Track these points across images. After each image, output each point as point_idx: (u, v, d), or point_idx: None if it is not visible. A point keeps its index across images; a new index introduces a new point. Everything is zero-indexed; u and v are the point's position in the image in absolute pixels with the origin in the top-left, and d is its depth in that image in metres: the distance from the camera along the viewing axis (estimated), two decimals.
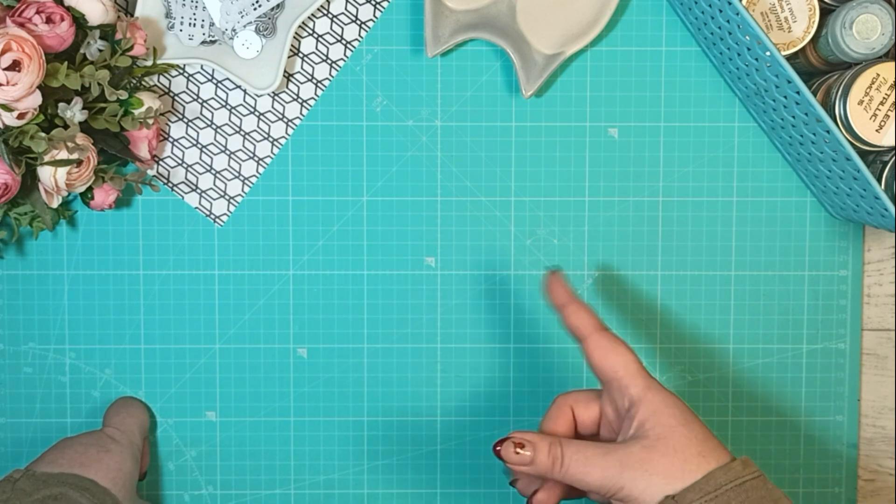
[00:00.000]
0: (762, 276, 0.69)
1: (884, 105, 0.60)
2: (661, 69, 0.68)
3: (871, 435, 0.70)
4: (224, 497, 0.70)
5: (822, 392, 0.70)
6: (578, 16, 0.66)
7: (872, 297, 0.70)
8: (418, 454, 0.70)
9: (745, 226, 0.69)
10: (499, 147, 0.69)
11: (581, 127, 0.68)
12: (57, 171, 0.59)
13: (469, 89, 0.68)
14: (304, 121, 0.68)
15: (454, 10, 0.65)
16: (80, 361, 0.69)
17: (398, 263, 0.69)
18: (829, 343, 0.70)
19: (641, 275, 0.69)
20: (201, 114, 0.68)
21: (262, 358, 0.69)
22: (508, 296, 0.69)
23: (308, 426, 0.70)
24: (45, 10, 0.57)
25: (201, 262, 0.69)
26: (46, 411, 0.69)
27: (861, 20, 0.60)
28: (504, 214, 0.69)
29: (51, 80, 0.57)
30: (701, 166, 0.69)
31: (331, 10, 0.68)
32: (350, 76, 0.68)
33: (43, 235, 0.68)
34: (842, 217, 0.67)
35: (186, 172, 0.68)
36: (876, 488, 0.71)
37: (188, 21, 0.65)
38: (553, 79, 0.68)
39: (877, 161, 0.62)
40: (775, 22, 0.62)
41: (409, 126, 0.68)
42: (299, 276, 0.69)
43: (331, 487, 0.70)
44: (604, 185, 0.69)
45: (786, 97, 0.60)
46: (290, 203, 0.69)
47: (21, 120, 0.56)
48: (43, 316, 0.69)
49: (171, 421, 0.70)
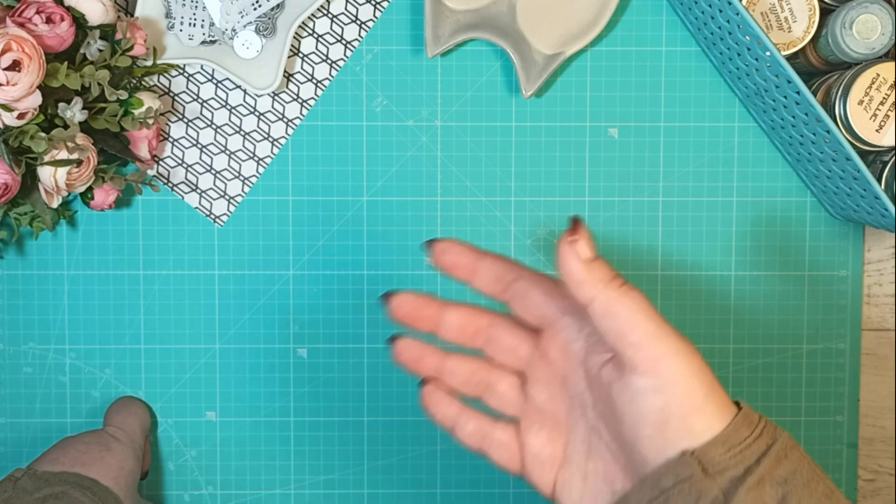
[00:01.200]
0: (762, 276, 0.69)
1: (884, 105, 0.60)
2: (661, 69, 0.68)
3: (871, 435, 0.70)
4: (224, 497, 0.70)
5: (822, 392, 0.70)
6: (578, 16, 0.66)
7: (872, 297, 0.70)
8: (418, 454, 0.70)
9: (745, 226, 0.69)
10: (499, 147, 0.69)
11: (581, 127, 0.68)
12: (57, 171, 0.59)
13: (469, 89, 0.68)
14: (304, 121, 0.68)
15: (454, 10, 0.65)
16: (80, 361, 0.69)
17: (398, 263, 0.69)
18: (829, 343, 0.70)
19: (641, 275, 0.69)
20: (201, 114, 0.68)
21: (262, 358, 0.69)
22: None
23: (308, 426, 0.70)
24: (45, 10, 0.57)
25: (201, 262, 0.69)
26: (46, 411, 0.69)
27: (861, 20, 0.60)
28: (504, 214, 0.69)
29: (51, 80, 0.57)
30: (701, 166, 0.69)
31: (331, 10, 0.68)
32: (350, 76, 0.68)
33: (43, 235, 0.68)
34: (842, 217, 0.67)
35: (186, 172, 0.68)
36: (876, 488, 0.71)
37: (188, 21, 0.65)
38: (553, 79, 0.68)
39: (877, 161, 0.62)
40: (775, 22, 0.62)
41: (409, 126, 0.68)
42: (299, 276, 0.69)
43: (331, 487, 0.70)
44: (604, 185, 0.69)
45: (786, 97, 0.60)
46: (290, 203, 0.69)
47: (21, 120, 0.56)
48: (43, 316, 0.69)
49: (171, 421, 0.70)
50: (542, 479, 0.48)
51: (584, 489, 0.47)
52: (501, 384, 0.50)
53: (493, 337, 0.50)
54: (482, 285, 0.49)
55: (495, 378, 0.50)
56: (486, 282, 0.49)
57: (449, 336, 0.50)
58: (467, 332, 0.50)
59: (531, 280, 0.48)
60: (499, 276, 0.48)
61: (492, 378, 0.50)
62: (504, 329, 0.50)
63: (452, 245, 0.48)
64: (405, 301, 0.49)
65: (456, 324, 0.49)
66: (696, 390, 0.43)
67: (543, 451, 0.48)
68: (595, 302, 0.43)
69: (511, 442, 0.49)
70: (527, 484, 0.54)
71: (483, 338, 0.50)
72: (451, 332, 0.50)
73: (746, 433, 0.43)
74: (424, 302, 0.49)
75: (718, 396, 0.43)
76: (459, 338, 0.50)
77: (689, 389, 0.43)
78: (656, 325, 0.43)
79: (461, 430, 0.50)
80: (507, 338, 0.49)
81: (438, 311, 0.49)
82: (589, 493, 0.47)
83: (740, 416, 0.43)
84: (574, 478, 0.47)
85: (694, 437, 0.43)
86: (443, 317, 0.49)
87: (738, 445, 0.43)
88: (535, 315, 0.48)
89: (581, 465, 0.47)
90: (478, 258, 0.48)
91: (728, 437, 0.43)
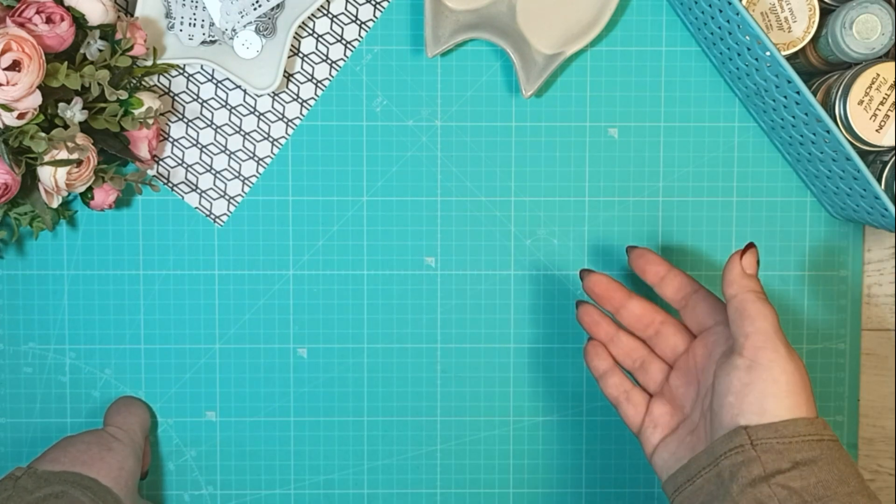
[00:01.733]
0: (762, 276, 0.69)
1: (884, 105, 0.60)
2: (661, 69, 0.68)
3: (871, 435, 0.70)
4: (224, 497, 0.70)
5: (822, 392, 0.70)
6: (578, 16, 0.66)
7: (872, 297, 0.70)
8: (418, 454, 0.70)
9: (745, 226, 0.69)
10: (499, 147, 0.69)
11: (581, 127, 0.68)
12: (57, 171, 0.59)
13: (469, 89, 0.68)
14: (304, 121, 0.68)
15: (454, 10, 0.65)
16: (80, 361, 0.69)
17: (398, 263, 0.69)
18: (829, 343, 0.70)
19: None
20: (201, 114, 0.68)
21: (262, 358, 0.69)
22: (508, 296, 0.69)
23: (308, 426, 0.70)
24: (45, 10, 0.57)
25: (201, 262, 0.69)
26: (46, 411, 0.69)
27: (861, 20, 0.60)
28: (504, 214, 0.69)
29: (51, 80, 0.57)
30: (701, 166, 0.69)
31: (331, 10, 0.68)
32: (350, 76, 0.68)
33: (43, 235, 0.68)
34: (842, 217, 0.67)
35: (186, 172, 0.68)
36: (876, 488, 0.71)
37: (188, 21, 0.65)
38: (553, 79, 0.68)
39: (877, 161, 0.62)
40: (775, 22, 0.62)
41: (409, 126, 0.68)
42: (299, 276, 0.69)
43: (331, 487, 0.70)
44: (604, 185, 0.69)
45: (786, 97, 0.60)
46: (290, 203, 0.69)
47: (21, 120, 0.56)
48: (43, 316, 0.69)
49: (171, 421, 0.70)
50: (650, 440, 0.59)
51: (675, 453, 0.57)
52: (653, 366, 0.61)
53: (662, 332, 0.61)
54: (665, 292, 0.61)
55: (650, 360, 0.61)
56: (669, 290, 0.60)
57: (627, 320, 0.62)
58: (643, 322, 0.61)
59: (702, 295, 0.59)
60: (679, 286, 0.60)
61: (648, 360, 0.61)
62: (672, 328, 0.61)
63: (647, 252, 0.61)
64: (601, 281, 0.62)
65: (637, 312, 0.61)
66: (781, 383, 0.52)
67: (661, 420, 0.59)
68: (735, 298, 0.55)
69: (641, 404, 0.60)
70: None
71: (653, 330, 0.61)
72: (631, 317, 0.61)
73: (804, 432, 0.51)
74: (617, 286, 0.62)
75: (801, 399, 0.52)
76: (636, 324, 0.61)
77: (773, 379, 0.52)
78: (772, 329, 0.53)
79: (609, 378, 0.61)
80: (672, 335, 0.61)
81: (625, 298, 0.61)
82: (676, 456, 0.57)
83: (807, 419, 0.52)
84: (671, 444, 0.58)
85: (761, 416, 0.52)
86: (628, 303, 0.61)
87: (790, 437, 0.51)
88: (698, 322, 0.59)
89: (683, 438, 0.57)
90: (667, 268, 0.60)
91: (785, 426, 0.51)
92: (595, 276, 0.62)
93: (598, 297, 0.62)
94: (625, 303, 0.61)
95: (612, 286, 0.61)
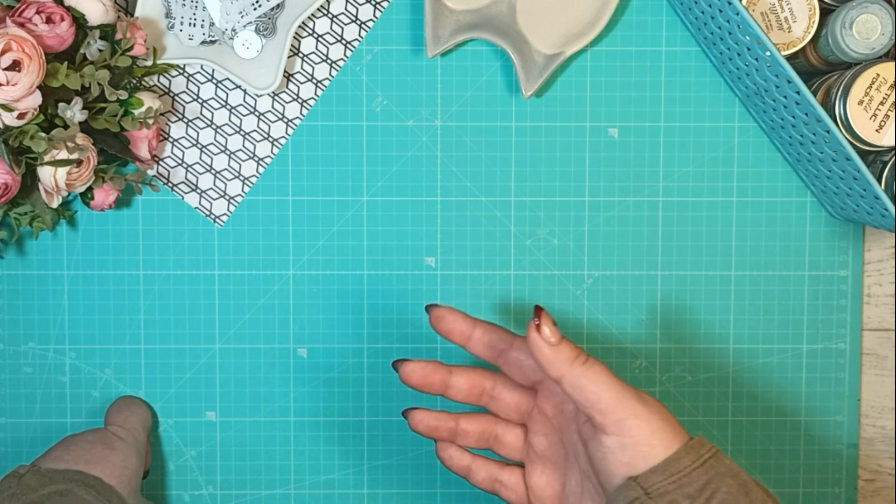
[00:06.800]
0: (762, 276, 0.69)
1: (884, 105, 0.60)
2: (661, 69, 0.68)
3: (871, 435, 0.70)
4: (224, 497, 0.70)
5: (822, 392, 0.70)
6: (578, 16, 0.66)
7: (872, 297, 0.70)
8: (418, 454, 0.70)
9: (745, 226, 0.69)
10: (499, 147, 0.69)
11: (581, 127, 0.68)
12: (57, 171, 0.59)
13: (469, 89, 0.68)
14: (304, 121, 0.68)
15: (454, 10, 0.65)
16: (80, 361, 0.69)
17: (398, 263, 0.69)
18: (829, 343, 0.70)
19: (641, 275, 0.69)
20: (201, 114, 0.68)
21: (262, 358, 0.69)
22: (508, 296, 0.69)
23: (308, 426, 0.70)
24: (45, 10, 0.57)
25: (201, 262, 0.69)
26: (46, 411, 0.69)
27: (861, 20, 0.60)
28: (504, 214, 0.69)
29: (51, 80, 0.57)
30: (701, 166, 0.69)
31: (331, 10, 0.68)
32: (350, 76, 0.68)
33: (43, 235, 0.68)
34: (842, 217, 0.68)
35: (186, 172, 0.68)
36: (876, 488, 0.71)
37: (188, 21, 0.65)
38: (553, 79, 0.68)
39: (877, 161, 0.62)
40: (775, 22, 0.62)
41: (409, 126, 0.68)
42: (299, 276, 0.69)
43: (331, 487, 0.70)
44: (604, 185, 0.69)
45: (786, 97, 0.60)
46: (290, 203, 0.69)
47: (21, 120, 0.56)
48: (43, 316, 0.69)
49: (172, 421, 0.70)
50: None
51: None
52: (508, 436, 0.57)
53: (497, 396, 0.57)
54: (476, 351, 0.56)
55: (502, 431, 0.57)
56: (479, 349, 0.56)
57: (457, 398, 0.57)
58: (474, 394, 0.57)
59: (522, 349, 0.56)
60: (491, 345, 0.56)
61: (499, 431, 0.57)
62: (506, 389, 0.57)
63: (447, 313, 0.56)
64: (416, 369, 0.56)
65: (464, 387, 0.57)
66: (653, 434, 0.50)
67: (545, 491, 0.56)
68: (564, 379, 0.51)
69: (518, 483, 0.57)
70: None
71: (488, 397, 0.57)
72: (459, 394, 0.57)
73: (688, 462, 0.49)
74: (433, 368, 0.56)
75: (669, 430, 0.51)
76: (467, 399, 0.57)
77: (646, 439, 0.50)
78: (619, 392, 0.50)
79: (474, 476, 0.58)
80: (509, 396, 0.57)
81: (446, 377, 0.57)
82: None
83: (685, 447, 0.50)
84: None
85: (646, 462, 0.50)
86: (451, 381, 0.57)
87: (677, 473, 0.49)
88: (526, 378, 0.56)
89: (577, 501, 0.55)
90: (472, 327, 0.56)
91: (669, 464, 0.49)
92: (409, 366, 0.56)
93: (419, 387, 0.57)
94: (447, 382, 0.57)
95: (428, 370, 0.56)
